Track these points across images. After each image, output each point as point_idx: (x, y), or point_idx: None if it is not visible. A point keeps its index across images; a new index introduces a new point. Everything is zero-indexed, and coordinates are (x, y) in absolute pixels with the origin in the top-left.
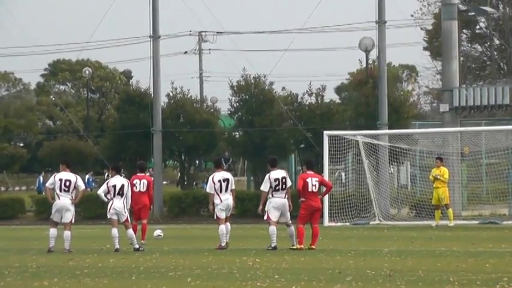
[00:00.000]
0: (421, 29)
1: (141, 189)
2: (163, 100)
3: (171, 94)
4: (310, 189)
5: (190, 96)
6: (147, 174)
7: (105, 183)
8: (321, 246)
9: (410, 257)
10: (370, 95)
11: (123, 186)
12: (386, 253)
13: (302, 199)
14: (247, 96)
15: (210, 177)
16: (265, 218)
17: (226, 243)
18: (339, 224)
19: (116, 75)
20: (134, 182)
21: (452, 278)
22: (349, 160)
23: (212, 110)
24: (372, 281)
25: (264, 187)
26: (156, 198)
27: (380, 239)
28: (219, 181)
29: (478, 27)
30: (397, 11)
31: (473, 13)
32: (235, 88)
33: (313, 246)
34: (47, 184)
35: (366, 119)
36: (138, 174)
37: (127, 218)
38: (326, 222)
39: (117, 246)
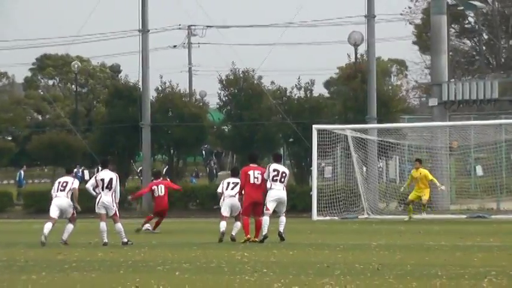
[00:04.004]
0: (410, 23)
1: (160, 194)
2: (152, 94)
3: (160, 88)
4: (252, 181)
5: (179, 90)
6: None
7: (93, 177)
8: (310, 240)
9: (398, 251)
10: (359, 89)
11: (111, 180)
12: (374, 247)
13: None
14: (236, 90)
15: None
16: (264, 209)
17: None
18: (328, 218)
19: (97, 70)
20: (153, 188)
21: (441, 272)
22: (337, 154)
23: (201, 104)
24: (361, 275)
25: (265, 175)
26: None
27: (368, 233)
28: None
29: (466, 21)
30: (387, 5)
31: (462, 8)
32: (224, 82)
33: (256, 239)
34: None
35: (355, 113)
36: (154, 180)
37: (115, 212)
38: (315, 216)
39: (106, 240)
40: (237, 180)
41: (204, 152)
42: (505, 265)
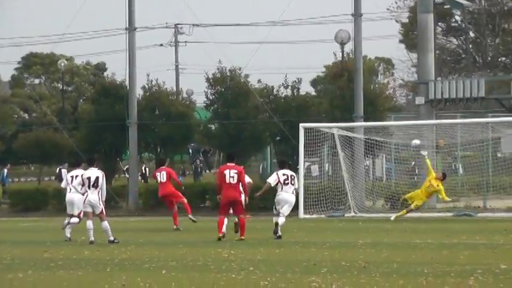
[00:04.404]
0: (397, 21)
1: (162, 180)
2: (138, 92)
3: (146, 86)
4: (227, 181)
5: (165, 88)
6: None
7: (79, 176)
8: (296, 239)
9: (385, 249)
10: (346, 88)
11: (97, 178)
12: (361, 245)
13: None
14: (223, 89)
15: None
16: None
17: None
18: (314, 216)
19: (81, 68)
20: (156, 174)
21: (427, 270)
22: (324, 152)
23: (188, 102)
24: (347, 272)
25: (270, 179)
26: (130, 191)
27: (355, 231)
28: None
29: (453, 20)
30: (373, 3)
31: (449, 6)
32: (211, 80)
33: (242, 237)
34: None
35: (342, 111)
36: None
37: (102, 210)
38: (301, 214)
39: (92, 238)
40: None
41: (190, 150)
42: (491, 263)
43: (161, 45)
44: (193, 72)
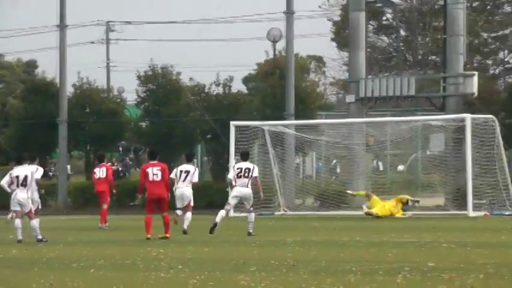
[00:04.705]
0: (329, 20)
1: (101, 176)
2: (69, 90)
3: (77, 84)
4: (151, 179)
5: (96, 86)
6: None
7: (8, 174)
8: (226, 237)
9: (313, 247)
10: (277, 86)
11: (26, 176)
12: (290, 243)
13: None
14: (154, 87)
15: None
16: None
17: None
18: (244, 214)
19: (13, 64)
20: (95, 170)
21: (355, 268)
22: (255, 150)
23: (119, 100)
24: (276, 271)
25: (229, 175)
26: (60, 189)
27: (284, 229)
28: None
29: (384, 18)
30: (305, 2)
31: (380, 4)
32: (142, 78)
33: (167, 235)
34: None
35: (273, 109)
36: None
37: (30, 209)
38: (231, 212)
39: (20, 237)
40: (189, 168)
41: (121, 148)
42: (419, 261)
43: (92, 42)
44: (124, 70)
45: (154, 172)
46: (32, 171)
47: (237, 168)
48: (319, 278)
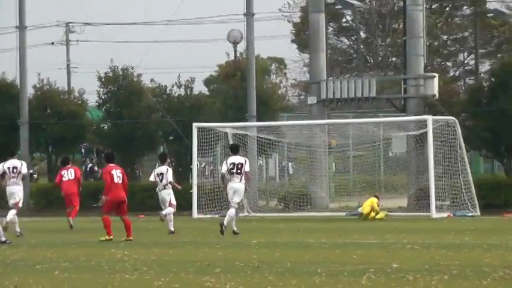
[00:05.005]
0: (289, 21)
1: (70, 177)
2: (30, 91)
3: (37, 85)
4: (115, 181)
5: (57, 87)
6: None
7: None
8: (190, 238)
9: (278, 249)
10: (239, 87)
11: None
12: (254, 245)
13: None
14: (115, 88)
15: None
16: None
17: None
18: (208, 215)
19: None
20: (62, 173)
21: (320, 269)
22: (218, 152)
23: (80, 102)
24: (241, 272)
25: (222, 169)
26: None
27: (248, 230)
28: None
29: (344, 20)
30: (265, 3)
31: (340, 6)
32: (103, 79)
33: (130, 238)
34: None
35: (235, 111)
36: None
37: None
38: (195, 214)
39: None
40: (163, 170)
41: (83, 150)
42: (384, 262)
43: (52, 43)
44: (85, 71)
45: (118, 175)
46: None
47: (230, 164)
48: (284, 279)
